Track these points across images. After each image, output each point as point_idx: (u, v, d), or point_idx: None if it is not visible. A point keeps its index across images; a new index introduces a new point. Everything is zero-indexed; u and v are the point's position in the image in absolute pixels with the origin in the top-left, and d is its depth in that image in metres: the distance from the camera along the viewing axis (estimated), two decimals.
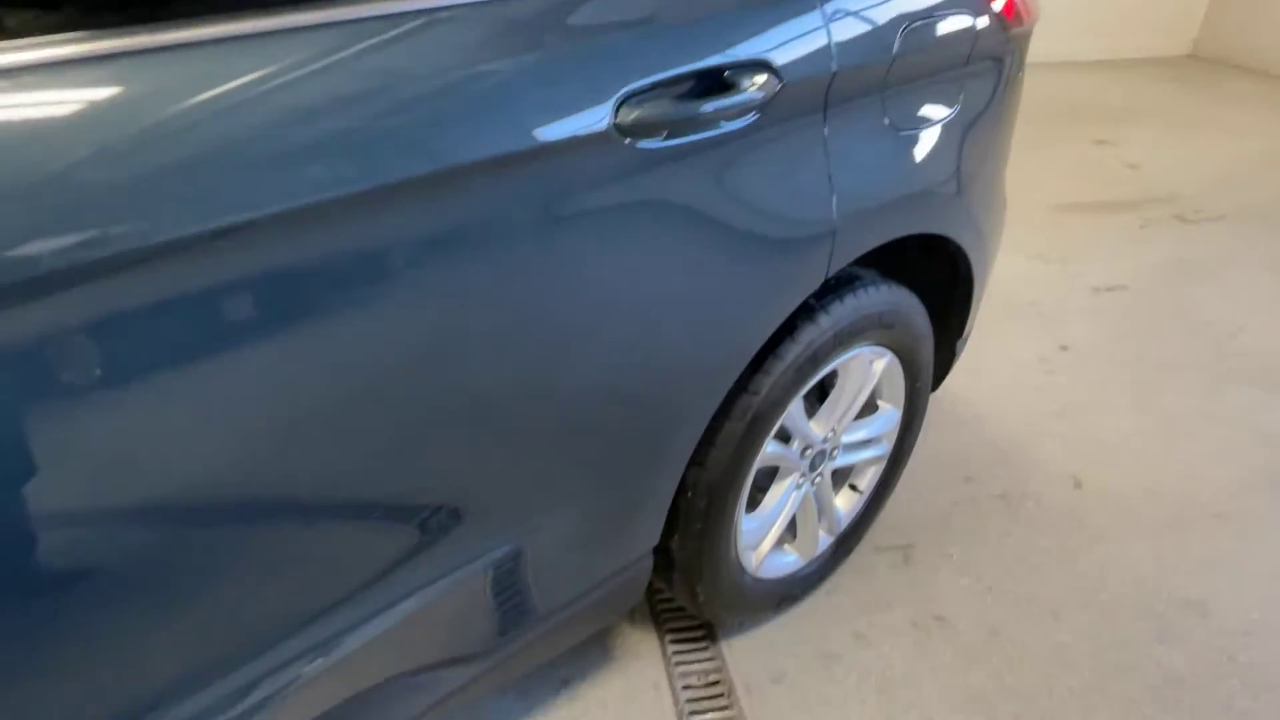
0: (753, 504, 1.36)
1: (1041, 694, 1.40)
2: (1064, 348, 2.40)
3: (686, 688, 1.41)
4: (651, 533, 1.16)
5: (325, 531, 0.83)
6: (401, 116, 0.71)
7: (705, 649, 1.49)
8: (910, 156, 1.18)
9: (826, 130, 1.02)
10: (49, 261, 0.56)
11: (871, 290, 1.27)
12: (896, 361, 1.41)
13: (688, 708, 1.38)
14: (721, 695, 1.41)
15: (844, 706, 1.38)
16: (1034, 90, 1.65)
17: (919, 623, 1.53)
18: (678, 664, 1.46)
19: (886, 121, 1.13)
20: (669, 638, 1.50)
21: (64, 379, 0.61)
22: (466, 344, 0.83)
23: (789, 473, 1.38)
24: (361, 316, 0.74)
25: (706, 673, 1.45)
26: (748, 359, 1.10)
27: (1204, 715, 1.36)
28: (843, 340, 1.24)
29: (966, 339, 1.66)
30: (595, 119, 0.79)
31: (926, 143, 1.20)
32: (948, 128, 1.25)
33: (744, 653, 1.47)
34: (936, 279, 1.48)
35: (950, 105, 1.25)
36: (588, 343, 0.93)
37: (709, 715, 1.37)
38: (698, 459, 1.16)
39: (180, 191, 0.61)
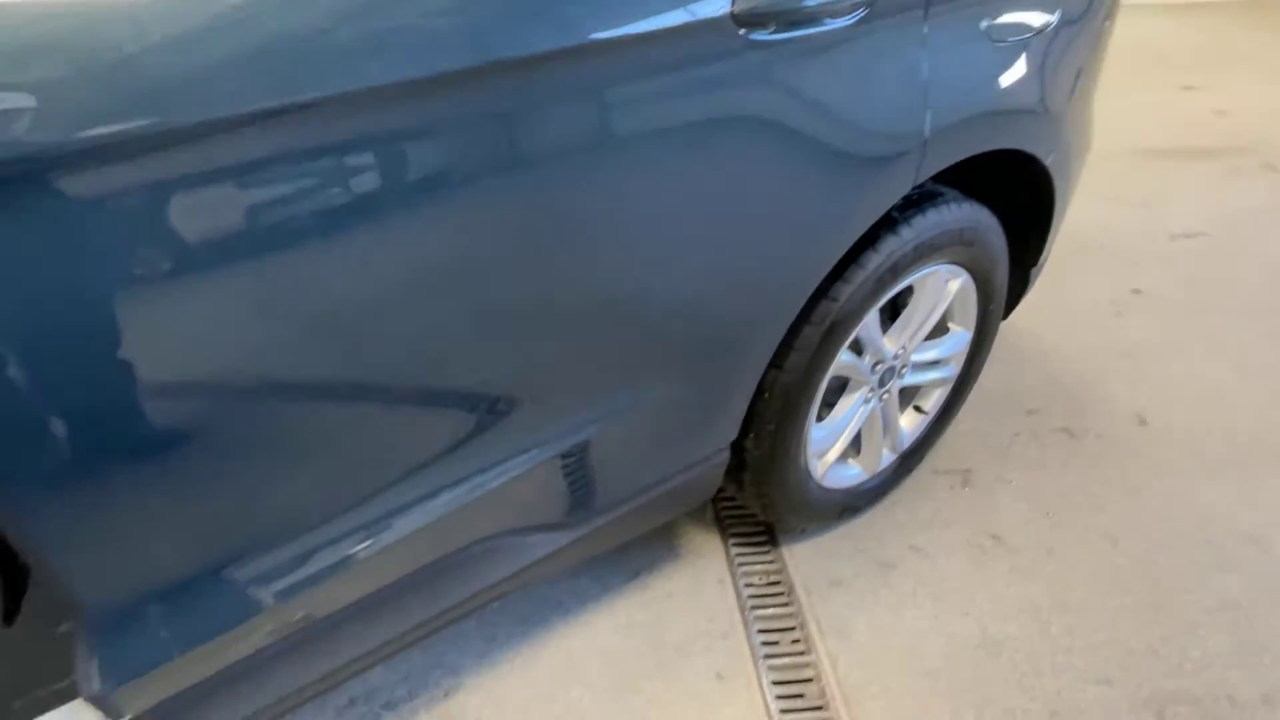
0: (821, 418, 1.41)
1: (1095, 609, 1.44)
2: (1136, 291, 2.37)
3: (748, 585, 1.49)
4: (731, 427, 1.22)
5: (445, 400, 0.90)
6: None
7: (766, 552, 1.56)
8: (1005, 68, 1.18)
9: (926, 29, 1.04)
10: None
11: (953, 206, 1.29)
12: (972, 282, 1.43)
13: (750, 603, 1.46)
14: (782, 594, 1.48)
15: (899, 610, 1.45)
16: (1121, 34, 1.61)
17: (975, 541, 1.58)
18: (740, 564, 1.54)
19: (984, 27, 1.13)
20: (732, 541, 1.58)
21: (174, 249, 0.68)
22: (575, 232, 0.89)
23: (858, 386, 1.43)
24: (484, 205, 0.80)
25: (767, 573, 1.52)
26: (832, 263, 1.14)
27: (1259, 638, 1.39)
28: (922, 254, 1.26)
29: (1041, 267, 1.66)
30: (716, 4, 0.82)
31: (1022, 55, 1.20)
32: (1044, 41, 1.24)
33: (803, 557, 1.54)
34: (1016, 202, 1.49)
35: (1048, 16, 1.24)
36: (686, 237, 0.98)
37: (770, 610, 1.45)
38: (777, 361, 1.21)
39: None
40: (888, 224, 1.21)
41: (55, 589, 0.73)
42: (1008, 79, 1.19)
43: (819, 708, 1.30)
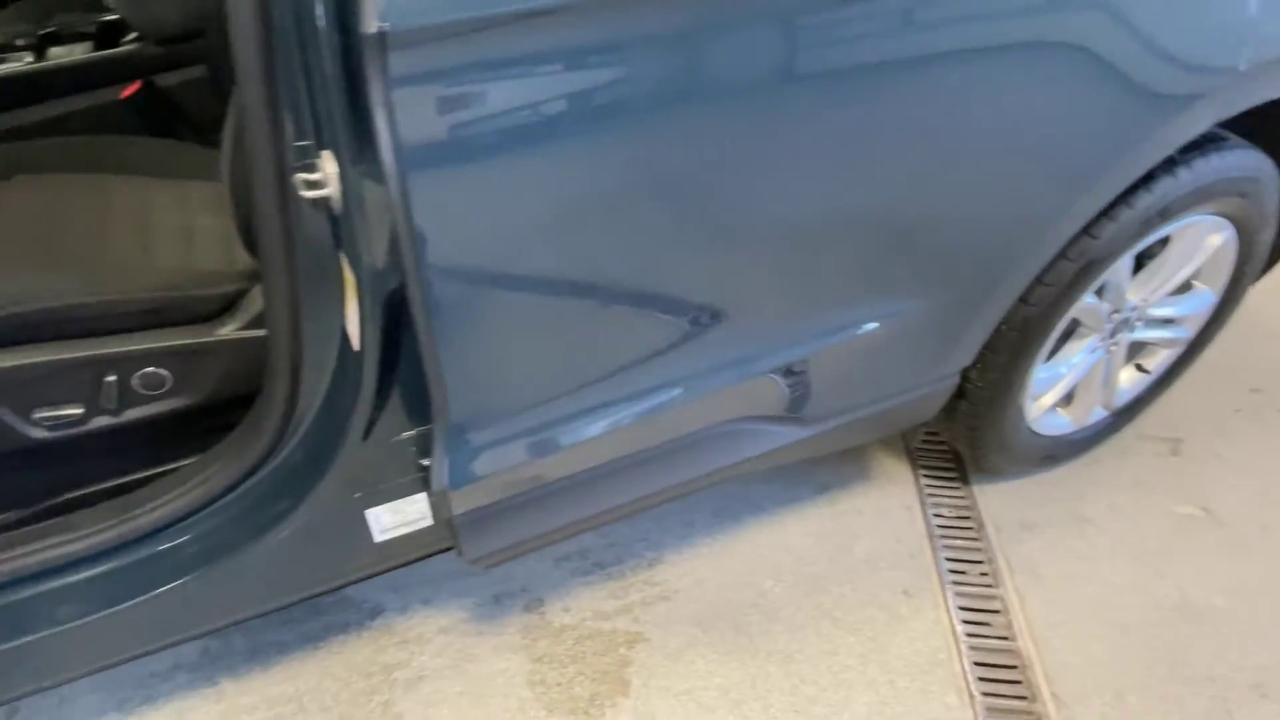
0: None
1: None
2: None
3: (937, 516, 1.53)
4: (967, 354, 1.24)
5: (719, 291, 0.98)
6: None
7: (957, 488, 1.58)
8: None
9: None
10: None
11: (1238, 153, 1.22)
12: (1235, 239, 1.35)
13: (938, 532, 1.49)
14: (971, 529, 1.51)
15: (1094, 562, 1.44)
16: None
17: (1182, 510, 1.53)
18: (929, 495, 1.57)
19: None
20: (922, 472, 1.61)
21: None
22: (864, 142, 0.92)
23: (1088, 334, 1.40)
24: (787, 105, 0.85)
25: (957, 508, 1.54)
26: (1107, 200, 1.12)
27: None
28: (1196, 200, 1.21)
29: None
30: None
31: None
32: None
33: (995, 497, 1.55)
34: None
35: None
36: (967, 156, 0.99)
37: (958, 541, 1.48)
38: (1024, 294, 1.20)
39: None
40: (1166, 164, 1.17)
41: (430, 405, 0.87)
42: None
43: (1005, 638, 1.33)
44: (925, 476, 1.60)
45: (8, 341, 0.98)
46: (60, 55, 1.40)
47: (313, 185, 0.78)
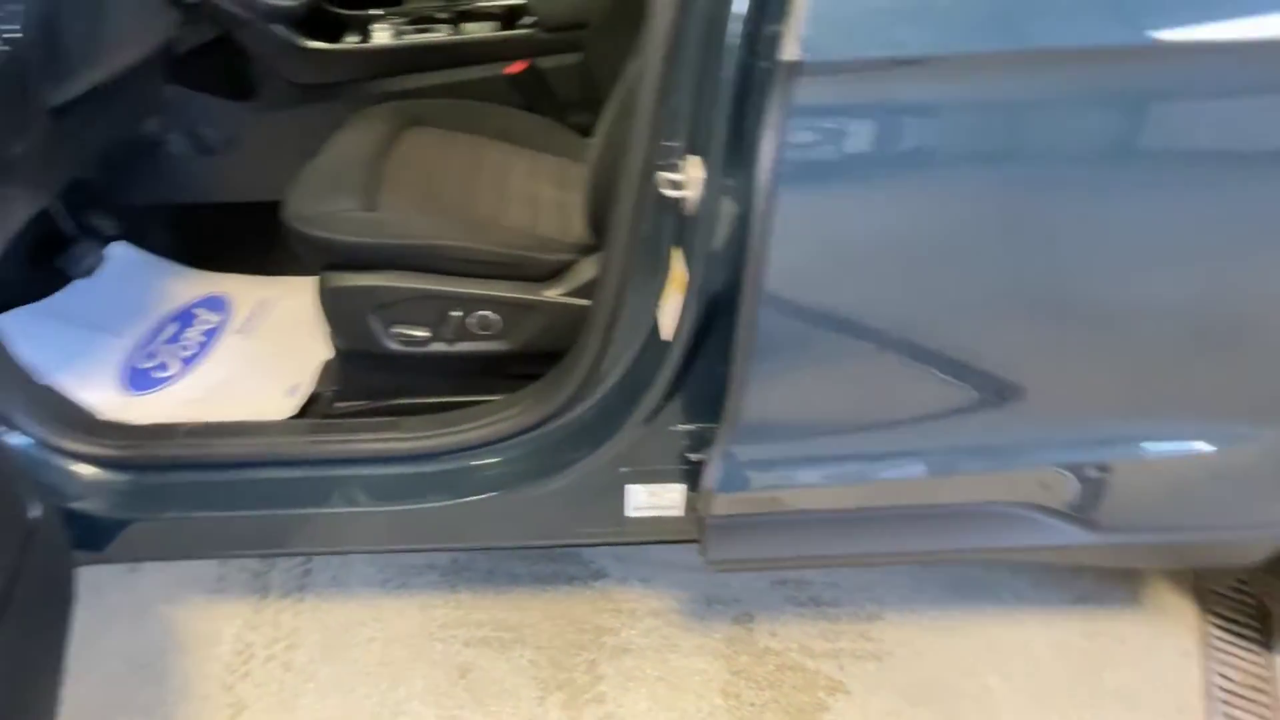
0: None
1: None
2: None
3: (1223, 676, 1.30)
4: None
5: (1043, 369, 0.92)
6: None
7: (1257, 652, 1.34)
8: None
9: None
10: None
11: None
12: None
13: (1219, 694, 1.28)
14: (1266, 704, 1.27)
15: None
16: None
17: None
18: (1217, 648, 1.34)
19: None
20: (1213, 620, 1.38)
21: None
22: (1246, 239, 0.81)
23: None
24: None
25: (1252, 674, 1.31)
26: None
27: None
28: None
29: None
30: None
31: None
32: None
33: None
34: None
35: None
36: None
37: (1243, 714, 1.26)
38: None
39: None
40: None
41: (717, 408, 0.92)
42: None
43: None
44: (1216, 625, 1.37)
45: (390, 265, 1.18)
46: (471, 30, 1.64)
47: (674, 185, 0.85)
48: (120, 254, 1.68)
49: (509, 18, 1.65)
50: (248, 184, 1.68)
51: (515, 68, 1.59)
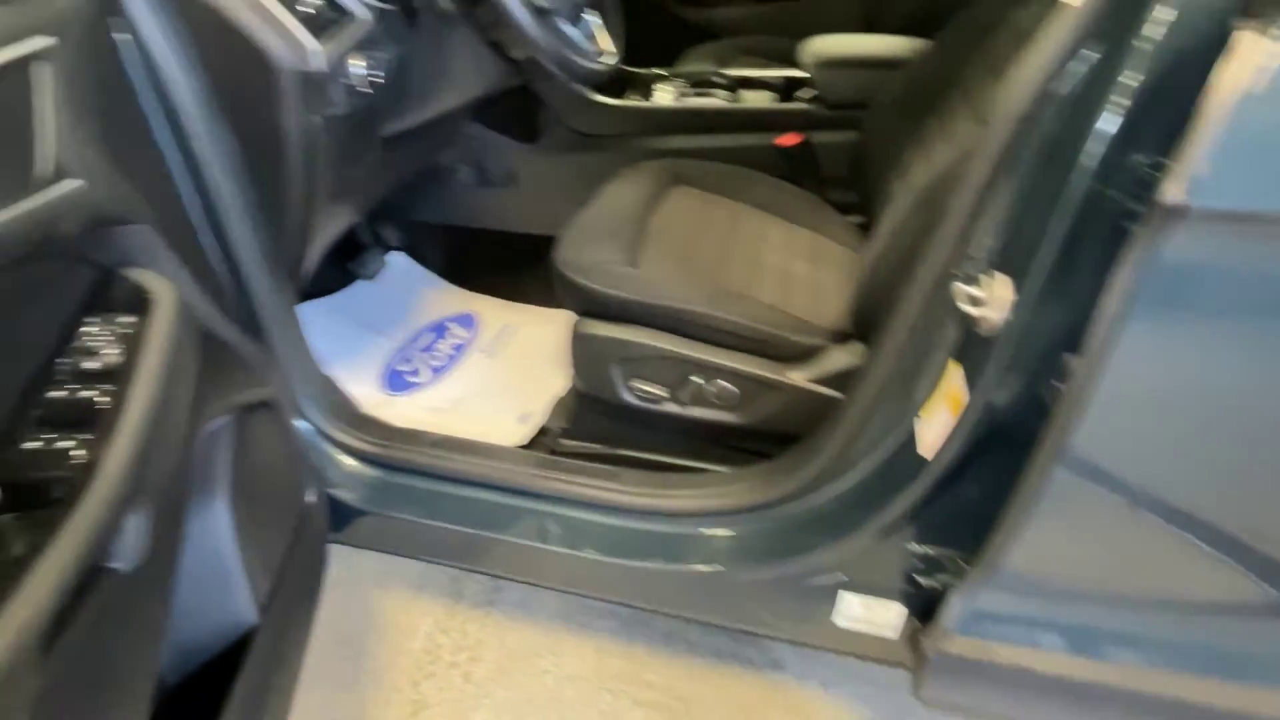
0: None
1: None
2: None
3: None
4: None
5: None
6: None
7: None
8: None
9: None
10: None
11: None
12: None
13: None
14: None
15: None
16: None
17: None
18: None
19: None
20: None
21: None
22: None
23: None
24: None
25: None
26: None
27: None
28: None
29: None
30: None
31: None
32: None
33: None
34: None
35: None
36: None
37: None
38: None
39: None
40: None
41: (970, 540, 0.84)
42: None
43: None
44: None
45: (641, 321, 1.20)
46: (749, 99, 1.68)
47: (972, 300, 0.79)
48: (399, 263, 1.88)
49: (787, 89, 1.66)
50: (517, 216, 1.82)
51: (787, 140, 1.59)
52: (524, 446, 1.45)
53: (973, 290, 0.79)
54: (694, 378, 1.19)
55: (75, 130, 0.63)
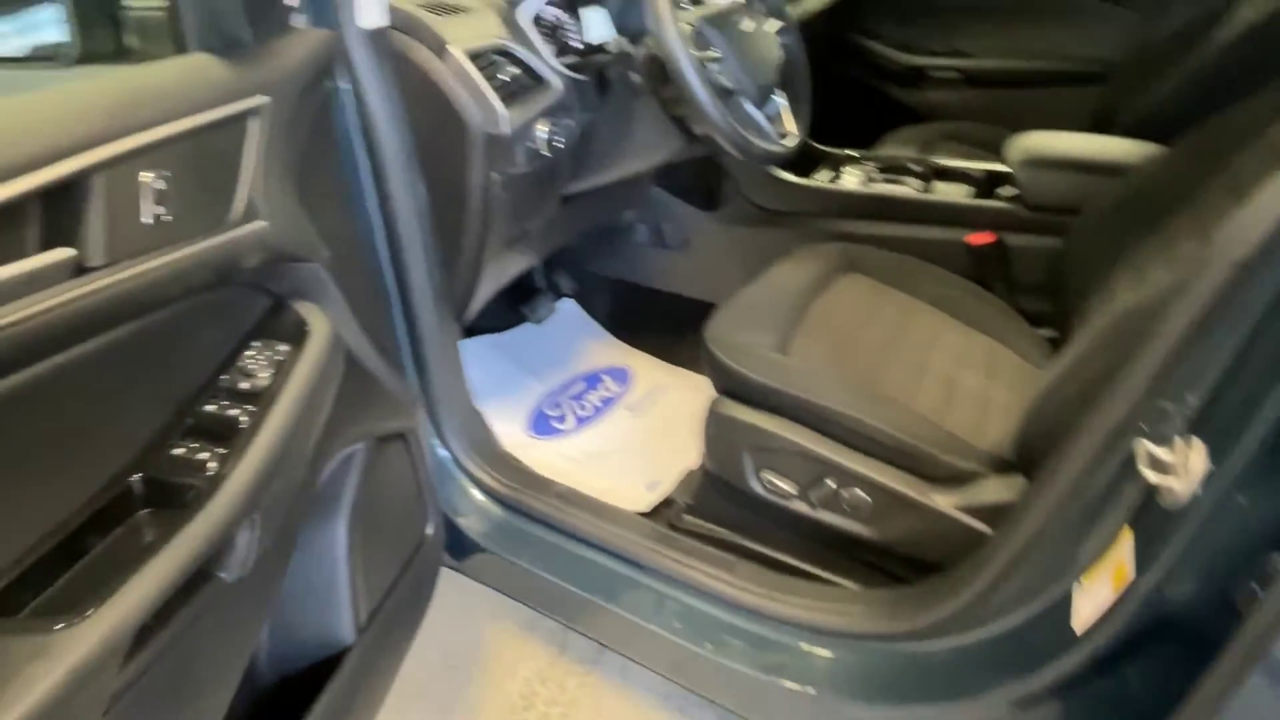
0: None
1: None
2: None
3: None
4: None
5: None
6: None
7: None
8: None
9: None
10: None
11: None
12: None
13: None
14: None
15: None
16: None
17: None
18: None
19: None
20: None
21: None
22: None
23: None
24: None
25: None
26: None
27: None
28: None
29: None
30: None
31: None
32: None
33: None
34: None
35: None
36: None
37: None
38: None
39: None
40: None
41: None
42: None
43: None
44: None
45: (781, 412, 1.14)
46: (942, 191, 1.58)
47: (1156, 463, 0.67)
48: (567, 309, 1.95)
49: (988, 184, 1.55)
50: (687, 280, 1.83)
51: (980, 238, 1.47)
52: (646, 514, 1.43)
53: (1159, 452, 0.67)
54: (828, 480, 1.11)
55: (270, 177, 0.70)
